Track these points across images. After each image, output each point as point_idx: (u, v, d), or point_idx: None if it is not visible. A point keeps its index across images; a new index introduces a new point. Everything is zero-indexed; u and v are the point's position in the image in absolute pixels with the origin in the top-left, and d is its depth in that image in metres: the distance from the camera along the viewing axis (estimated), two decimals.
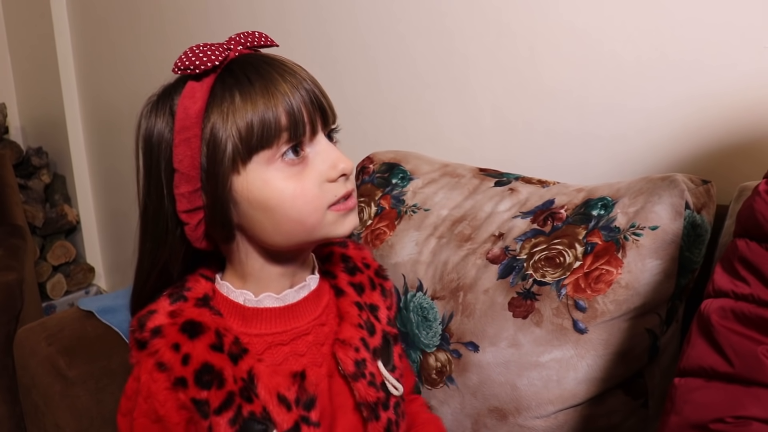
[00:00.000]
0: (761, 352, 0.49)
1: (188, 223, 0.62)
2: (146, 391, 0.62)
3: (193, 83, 0.59)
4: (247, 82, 0.59)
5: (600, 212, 0.87)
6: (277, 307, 0.67)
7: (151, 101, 0.63)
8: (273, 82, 0.59)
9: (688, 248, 0.82)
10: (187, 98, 0.59)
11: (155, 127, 0.61)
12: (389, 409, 0.70)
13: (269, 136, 0.58)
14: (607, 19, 1.02)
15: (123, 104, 2.15)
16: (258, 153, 0.59)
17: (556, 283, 0.85)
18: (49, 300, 2.33)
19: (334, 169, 0.61)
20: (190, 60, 0.59)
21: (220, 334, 0.62)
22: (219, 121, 0.58)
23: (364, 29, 1.36)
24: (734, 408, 0.49)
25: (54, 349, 0.94)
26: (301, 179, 0.60)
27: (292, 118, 0.59)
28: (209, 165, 0.59)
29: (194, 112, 0.58)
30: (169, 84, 0.63)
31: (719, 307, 0.54)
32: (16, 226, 1.77)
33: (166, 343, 0.61)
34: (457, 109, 1.25)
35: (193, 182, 0.60)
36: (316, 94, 0.61)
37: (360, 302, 0.72)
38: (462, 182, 1.05)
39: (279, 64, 0.61)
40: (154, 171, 0.61)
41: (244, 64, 0.60)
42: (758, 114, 0.91)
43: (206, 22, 1.75)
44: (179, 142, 0.59)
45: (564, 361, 0.83)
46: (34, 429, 0.99)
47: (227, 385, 0.61)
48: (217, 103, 0.59)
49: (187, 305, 0.63)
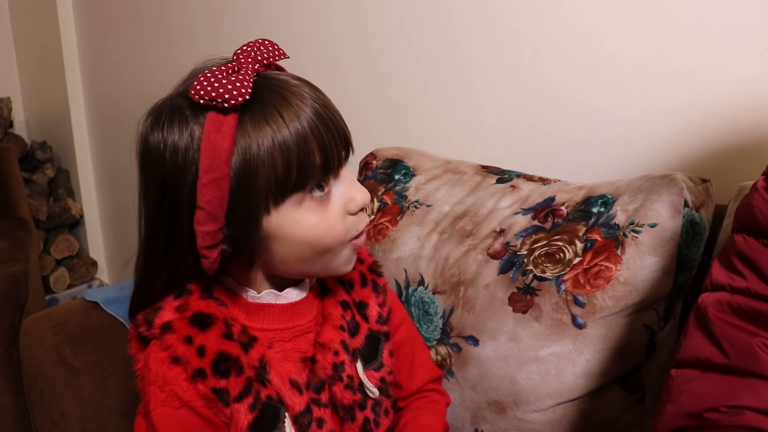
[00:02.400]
0: (756, 344, 0.51)
1: (208, 257, 0.59)
2: (161, 379, 0.61)
3: (218, 115, 0.55)
4: (279, 118, 0.55)
5: (600, 209, 0.88)
6: (280, 305, 0.67)
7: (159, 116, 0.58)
8: (304, 118, 0.56)
9: (686, 246, 0.83)
10: (214, 132, 0.55)
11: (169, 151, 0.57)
12: (366, 408, 0.71)
13: (304, 179, 0.57)
14: (610, 20, 1.03)
15: (127, 99, 2.16)
16: (291, 196, 0.58)
17: (556, 279, 0.86)
18: (52, 293, 2.35)
19: (353, 202, 0.62)
20: (217, 92, 0.54)
21: (228, 324, 0.63)
22: (252, 161, 0.55)
23: (368, 28, 1.37)
24: (729, 398, 0.50)
25: (60, 339, 0.95)
26: (327, 216, 0.60)
27: (325, 159, 0.58)
28: (239, 207, 0.57)
29: (223, 149, 0.54)
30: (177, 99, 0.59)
31: (716, 301, 0.55)
32: (20, 219, 1.79)
33: (178, 338, 0.61)
34: (460, 108, 1.26)
35: (219, 221, 0.57)
36: (342, 128, 0.60)
37: (347, 300, 0.72)
38: (464, 179, 1.06)
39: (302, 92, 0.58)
40: (169, 201, 0.58)
41: (268, 93, 0.57)
42: (758, 116, 0.92)
43: (211, 19, 1.76)
44: (207, 182, 0.55)
45: (563, 355, 0.84)
46: (39, 417, 1.00)
47: (245, 372, 0.61)
48: (248, 139, 0.55)
49: (192, 298, 0.64)
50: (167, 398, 0.60)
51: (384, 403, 0.73)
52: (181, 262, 0.61)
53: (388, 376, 0.74)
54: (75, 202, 2.45)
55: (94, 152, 2.42)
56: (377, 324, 0.74)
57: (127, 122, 2.24)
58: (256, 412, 0.61)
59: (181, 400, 0.60)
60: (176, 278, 0.63)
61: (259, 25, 1.61)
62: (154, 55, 2.00)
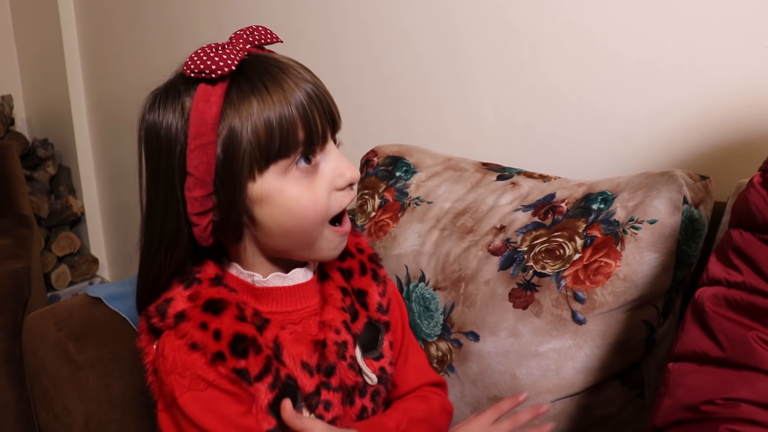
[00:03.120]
0: (752, 337, 0.51)
1: (198, 224, 0.62)
2: (181, 365, 0.61)
3: (207, 87, 0.59)
4: (264, 90, 0.59)
5: (600, 206, 0.89)
6: (287, 287, 0.68)
7: (156, 96, 0.62)
8: (289, 91, 0.59)
9: (685, 242, 0.84)
10: (202, 102, 0.58)
11: (163, 125, 0.60)
12: (366, 396, 0.71)
13: (287, 147, 0.59)
14: (610, 19, 1.03)
15: (128, 97, 2.16)
16: (276, 163, 0.60)
17: (556, 275, 0.87)
18: (53, 290, 2.35)
19: (342, 177, 0.63)
20: (205, 64, 0.58)
21: (241, 308, 0.64)
22: (237, 128, 0.58)
23: (370, 26, 1.38)
24: (725, 390, 0.51)
25: (63, 334, 0.95)
26: (313, 188, 0.62)
27: (308, 130, 0.60)
28: (225, 172, 0.60)
29: (210, 117, 0.58)
30: (174, 79, 0.63)
31: (712, 295, 0.55)
32: (23, 216, 1.79)
33: (194, 324, 0.62)
34: (460, 105, 1.27)
35: (207, 187, 0.60)
36: (328, 103, 0.63)
37: (345, 287, 0.73)
38: (465, 176, 1.07)
39: (292, 70, 0.61)
40: (163, 171, 0.61)
41: (257, 68, 0.61)
42: (757, 113, 0.92)
43: (213, 16, 1.77)
44: (195, 148, 0.59)
45: (562, 351, 0.85)
46: (42, 412, 1.01)
47: (264, 351, 0.62)
48: (234, 110, 0.59)
49: (202, 286, 0.65)
50: (191, 382, 0.61)
51: (383, 394, 0.74)
52: (177, 235, 0.63)
53: (389, 367, 0.74)
54: (76, 199, 2.45)
55: (95, 149, 2.43)
56: (377, 313, 0.74)
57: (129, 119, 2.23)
58: (276, 391, 0.62)
59: (205, 381, 0.61)
60: (175, 253, 0.64)
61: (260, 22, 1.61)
62: (156, 52, 2.00)
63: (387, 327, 0.76)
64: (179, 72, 0.62)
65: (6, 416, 1.48)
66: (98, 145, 2.41)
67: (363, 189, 1.14)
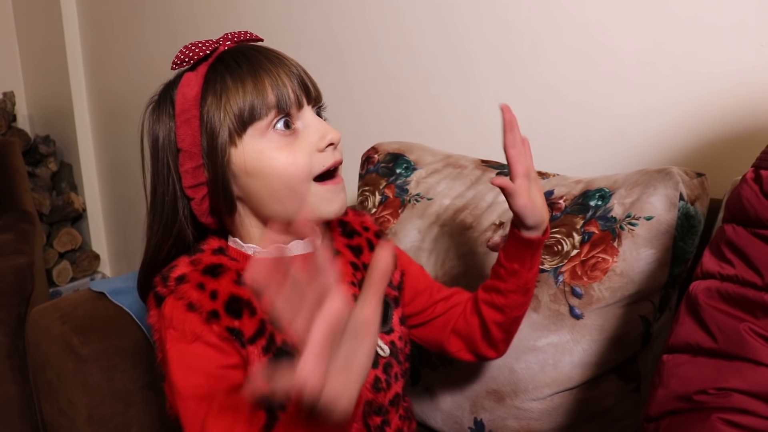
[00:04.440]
0: (743, 328, 0.52)
1: (193, 198, 0.67)
2: (176, 320, 0.63)
3: (189, 73, 0.67)
4: (236, 66, 0.66)
5: (597, 203, 0.90)
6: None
7: (153, 99, 0.70)
8: (259, 63, 0.66)
9: (681, 238, 0.85)
10: (185, 86, 0.66)
11: (159, 120, 0.68)
12: (378, 367, 0.73)
13: (259, 109, 0.64)
14: (609, 17, 1.04)
15: (130, 94, 2.17)
16: (251, 125, 0.64)
17: (554, 271, 0.88)
18: (55, 286, 2.36)
19: (322, 139, 0.67)
20: (185, 54, 0.67)
21: (239, 274, 0.66)
22: (214, 101, 0.65)
23: (371, 23, 1.39)
24: (717, 380, 0.52)
25: (68, 328, 0.97)
26: (293, 150, 0.65)
27: (277, 92, 0.65)
28: (208, 141, 0.65)
29: (191, 96, 0.65)
30: (168, 81, 0.70)
31: (706, 288, 0.57)
32: (25, 212, 1.80)
33: (191, 285, 0.64)
34: (460, 103, 1.28)
35: (196, 159, 0.66)
36: (299, 73, 0.68)
37: (356, 263, 0.76)
38: (464, 173, 1.08)
39: (265, 50, 0.68)
40: (161, 155, 0.68)
41: (233, 53, 0.68)
42: (753, 111, 0.93)
43: (213, 13, 1.77)
44: (180, 124, 0.66)
45: (560, 345, 0.86)
46: (47, 405, 1.02)
47: (258, 314, 0.64)
48: (211, 86, 0.65)
49: (204, 255, 0.68)
50: (180, 335, 0.63)
51: (395, 367, 0.75)
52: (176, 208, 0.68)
53: (399, 342, 0.76)
54: (78, 195, 2.46)
55: (96, 146, 2.44)
56: (387, 287, 0.74)
57: (130, 116, 2.26)
58: (270, 355, 0.64)
59: (194, 334, 0.62)
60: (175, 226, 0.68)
61: (261, 20, 1.62)
62: (157, 49, 2.01)
63: (396, 302, 0.78)
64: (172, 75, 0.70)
65: (9, 410, 1.49)
66: (100, 142, 2.41)
67: (363, 186, 1.15)
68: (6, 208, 1.82)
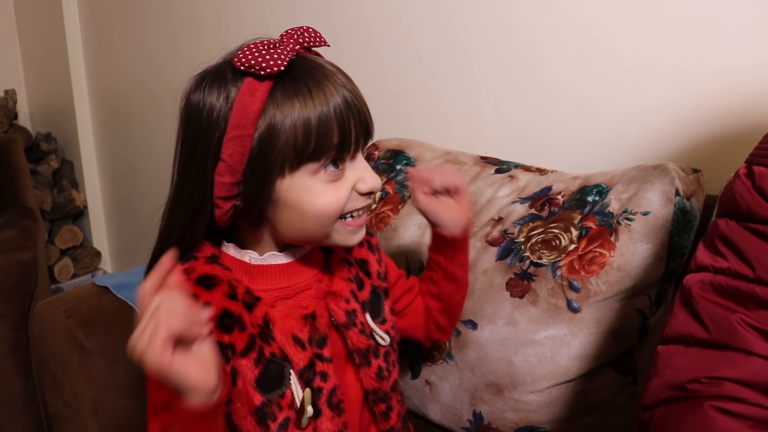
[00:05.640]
0: (736, 319, 0.54)
1: (221, 207, 0.65)
2: None
3: (254, 81, 0.61)
4: (307, 93, 0.61)
5: (595, 198, 0.91)
6: (281, 264, 0.71)
7: (203, 78, 0.65)
8: (330, 96, 0.62)
9: (677, 233, 0.86)
10: (247, 95, 0.61)
11: (207, 107, 0.63)
12: (380, 356, 0.75)
13: (321, 151, 0.62)
14: (607, 15, 1.05)
15: (131, 91, 2.18)
16: (307, 164, 0.63)
17: (552, 265, 0.89)
18: (56, 283, 2.37)
19: (364, 183, 0.67)
20: (256, 60, 0.60)
21: (232, 286, 0.67)
22: (276, 126, 0.61)
23: (371, 22, 1.39)
24: (709, 370, 0.54)
25: (73, 321, 0.98)
26: (338, 190, 0.65)
27: (342, 138, 0.63)
28: (257, 165, 0.62)
29: (253, 111, 0.61)
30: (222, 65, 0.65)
31: (699, 280, 0.58)
32: (28, 209, 1.81)
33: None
34: (460, 101, 1.29)
35: (237, 175, 0.63)
36: (365, 113, 0.66)
37: (349, 258, 0.77)
38: (463, 169, 1.09)
39: (335, 77, 0.64)
40: (199, 152, 0.63)
41: (303, 71, 0.63)
42: (749, 109, 0.94)
43: (215, 11, 1.78)
44: (232, 137, 0.61)
45: (558, 338, 0.87)
46: (51, 398, 1.03)
47: (248, 329, 0.65)
48: (276, 107, 0.61)
49: (198, 263, 0.68)
50: None
51: (392, 355, 0.78)
52: (201, 211, 0.66)
53: (392, 330, 0.78)
54: (79, 193, 2.47)
55: (98, 144, 2.45)
56: (378, 280, 0.79)
57: (131, 114, 2.27)
58: (261, 367, 0.65)
59: None
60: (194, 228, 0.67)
61: (262, 17, 1.63)
62: (158, 48, 2.02)
63: (386, 293, 0.80)
64: (228, 59, 0.65)
65: (13, 404, 1.50)
66: (101, 139, 2.42)
67: None
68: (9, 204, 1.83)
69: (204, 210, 0.65)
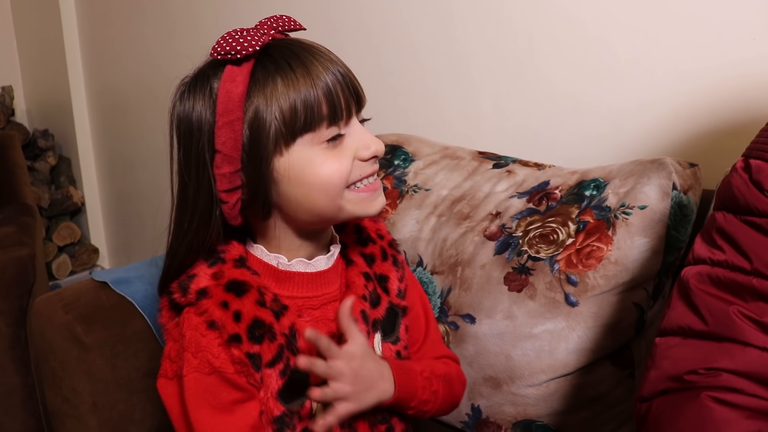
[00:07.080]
0: (733, 311, 0.54)
1: (227, 201, 0.65)
2: (195, 346, 0.64)
3: (233, 67, 0.62)
4: (288, 68, 0.62)
5: (592, 193, 0.92)
6: (309, 273, 0.70)
7: (186, 83, 0.65)
8: (312, 68, 0.62)
9: (674, 227, 0.87)
10: (228, 82, 0.61)
11: (194, 109, 0.63)
12: None
13: (312, 121, 0.62)
14: (604, 11, 1.05)
15: (128, 88, 2.18)
16: (302, 136, 0.62)
17: (550, 259, 0.90)
18: (54, 279, 2.37)
19: (367, 149, 0.66)
20: (231, 45, 0.61)
21: (261, 292, 0.66)
22: (262, 105, 0.61)
23: (368, 17, 1.40)
24: (707, 361, 0.54)
25: (71, 317, 0.97)
26: (339, 157, 0.64)
27: (331, 104, 0.62)
28: (252, 147, 0.62)
29: (236, 95, 0.61)
30: (203, 67, 0.66)
31: (697, 273, 0.58)
32: (26, 206, 1.81)
33: (215, 303, 0.64)
34: (458, 97, 1.29)
35: (235, 163, 0.63)
36: (351, 79, 0.65)
37: (368, 273, 0.75)
38: (461, 164, 1.09)
39: (315, 51, 0.64)
40: (194, 151, 0.64)
41: (282, 50, 0.64)
42: (746, 103, 0.95)
43: (212, 8, 1.78)
44: (222, 125, 0.62)
45: (556, 332, 0.88)
46: (50, 394, 1.03)
47: (278, 339, 0.64)
48: (259, 88, 0.61)
49: (226, 267, 0.67)
50: (199, 364, 0.64)
51: None
52: (209, 213, 0.65)
53: (404, 351, 0.77)
54: (77, 189, 2.47)
55: (95, 140, 2.44)
56: (397, 298, 0.77)
57: (128, 111, 2.27)
58: (286, 378, 0.65)
59: (212, 367, 0.63)
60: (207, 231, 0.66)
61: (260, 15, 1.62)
62: (155, 44, 2.01)
63: (404, 312, 0.78)
64: (207, 59, 0.66)
65: (12, 400, 1.50)
66: (98, 136, 2.42)
67: None
68: (6, 201, 1.83)
69: (212, 211, 0.65)
